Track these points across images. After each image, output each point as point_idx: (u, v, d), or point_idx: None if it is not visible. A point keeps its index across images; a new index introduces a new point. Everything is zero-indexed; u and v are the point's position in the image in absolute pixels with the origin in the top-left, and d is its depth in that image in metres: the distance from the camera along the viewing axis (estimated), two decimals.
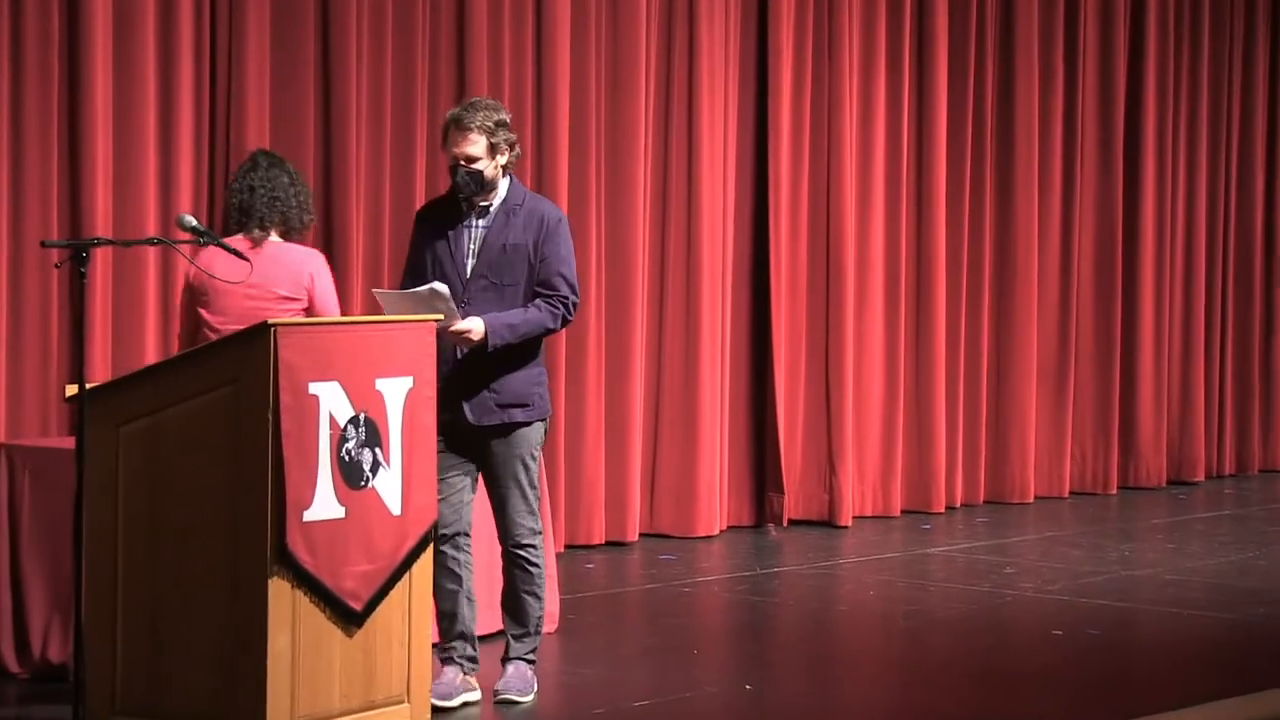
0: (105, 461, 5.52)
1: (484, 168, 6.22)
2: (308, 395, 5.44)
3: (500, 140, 6.24)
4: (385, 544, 5.68)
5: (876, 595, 8.50)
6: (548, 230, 6.24)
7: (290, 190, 6.54)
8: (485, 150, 6.21)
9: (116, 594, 5.53)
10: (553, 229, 6.25)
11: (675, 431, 9.90)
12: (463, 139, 6.20)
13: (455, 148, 6.21)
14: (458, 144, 6.21)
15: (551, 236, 6.24)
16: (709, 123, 9.92)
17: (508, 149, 6.27)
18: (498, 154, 6.24)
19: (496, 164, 6.24)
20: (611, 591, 8.55)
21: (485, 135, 6.20)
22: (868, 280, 10.68)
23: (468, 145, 6.19)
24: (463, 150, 6.20)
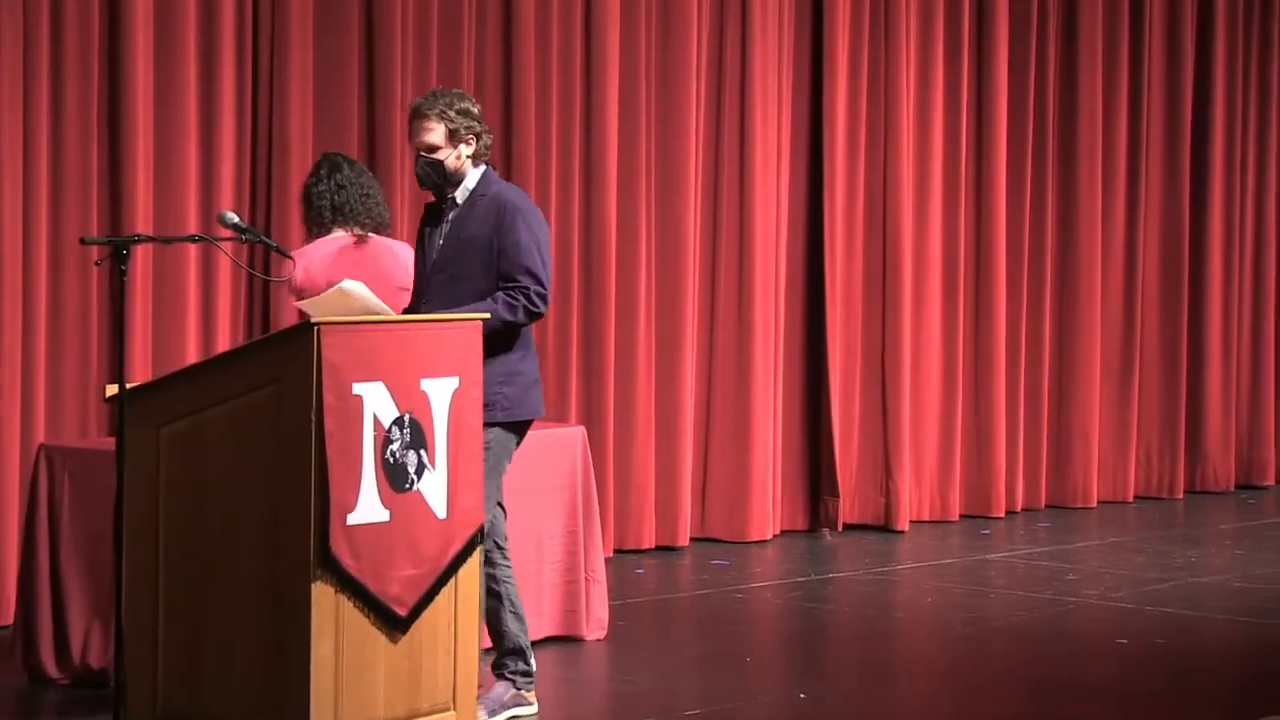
0: (146, 463, 5.54)
1: (445, 157, 6.16)
2: (351, 396, 5.45)
3: (461, 128, 6.17)
4: (430, 548, 5.69)
5: (934, 602, 8.47)
6: (505, 220, 6.15)
7: (376, 188, 6.94)
8: (445, 139, 6.16)
9: (157, 599, 5.55)
10: (510, 219, 6.15)
11: (727, 433, 9.90)
12: (421, 128, 6.16)
13: (414, 138, 6.18)
14: (417, 133, 6.17)
15: (510, 226, 6.14)
16: (761, 117, 9.91)
17: (473, 138, 6.20)
18: (460, 143, 6.18)
19: (460, 154, 6.18)
20: (662, 597, 8.55)
21: (444, 123, 6.15)
22: (925, 278, 10.65)
23: (426, 134, 6.15)
24: (422, 140, 6.16)
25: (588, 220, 9.33)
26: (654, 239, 9.60)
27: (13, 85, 7.44)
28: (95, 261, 5.77)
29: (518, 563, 7.10)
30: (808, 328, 10.31)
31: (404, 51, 8.60)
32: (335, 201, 6.83)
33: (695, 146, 9.71)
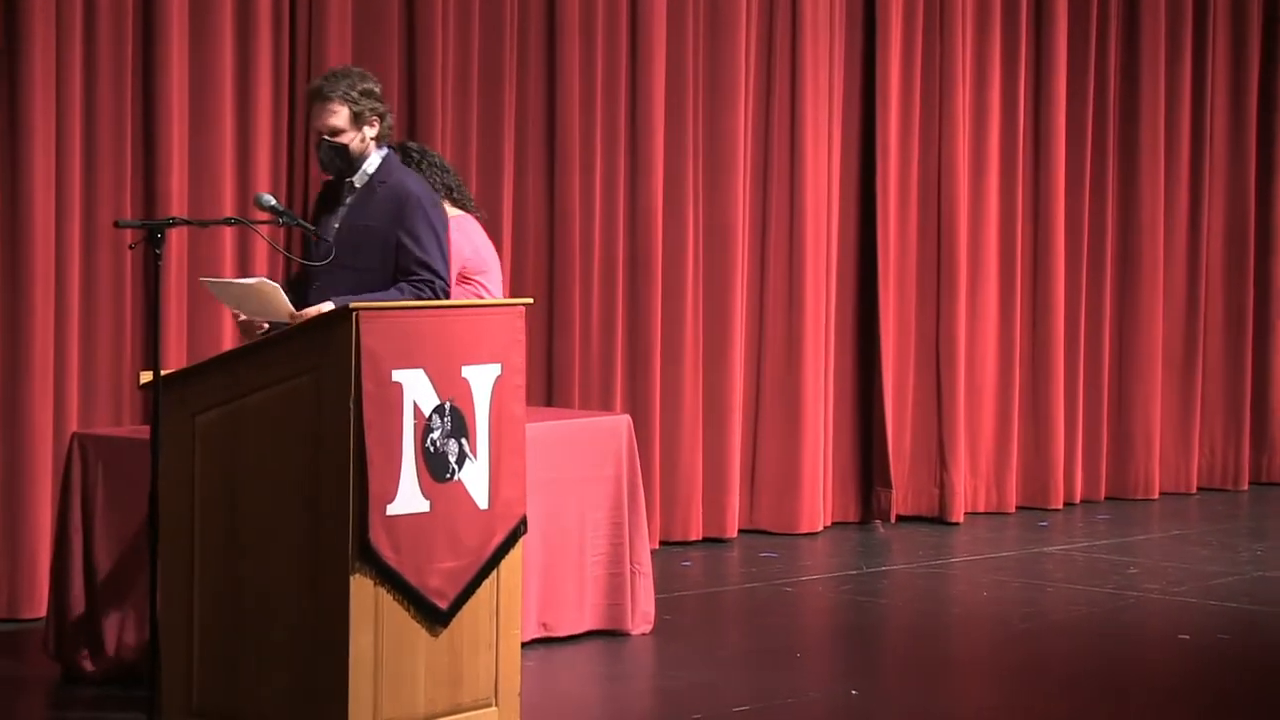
0: (180, 452, 5.56)
1: (349, 141, 6.12)
2: (391, 383, 5.46)
3: (365, 110, 6.13)
4: (472, 539, 5.70)
5: (990, 596, 8.45)
6: (407, 212, 6.10)
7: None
8: (349, 121, 6.11)
9: (192, 591, 5.57)
10: (413, 211, 6.10)
11: (777, 422, 9.88)
12: (324, 110, 6.10)
13: (316, 120, 6.11)
14: (319, 116, 6.11)
15: (409, 220, 6.09)
16: (812, 99, 9.88)
17: (377, 120, 6.15)
18: (364, 125, 6.13)
19: (364, 136, 6.14)
20: (709, 590, 8.55)
21: (348, 105, 6.10)
22: (981, 263, 10.61)
23: (330, 117, 6.10)
24: (325, 123, 6.09)
25: (633, 205, 9.32)
26: (702, 224, 9.58)
27: (45, 66, 7.47)
28: (129, 245, 5.78)
29: (561, 553, 7.12)
30: (860, 314, 10.29)
31: (445, 38, 8.60)
32: (446, 182, 6.92)
33: (744, 130, 9.68)
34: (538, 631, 7.10)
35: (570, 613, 7.22)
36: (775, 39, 9.85)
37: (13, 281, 7.48)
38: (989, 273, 10.65)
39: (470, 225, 6.93)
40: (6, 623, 7.46)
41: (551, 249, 9.09)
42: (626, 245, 9.31)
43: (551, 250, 9.09)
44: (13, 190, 7.47)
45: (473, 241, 6.89)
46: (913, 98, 10.34)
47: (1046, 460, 10.85)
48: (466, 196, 7.02)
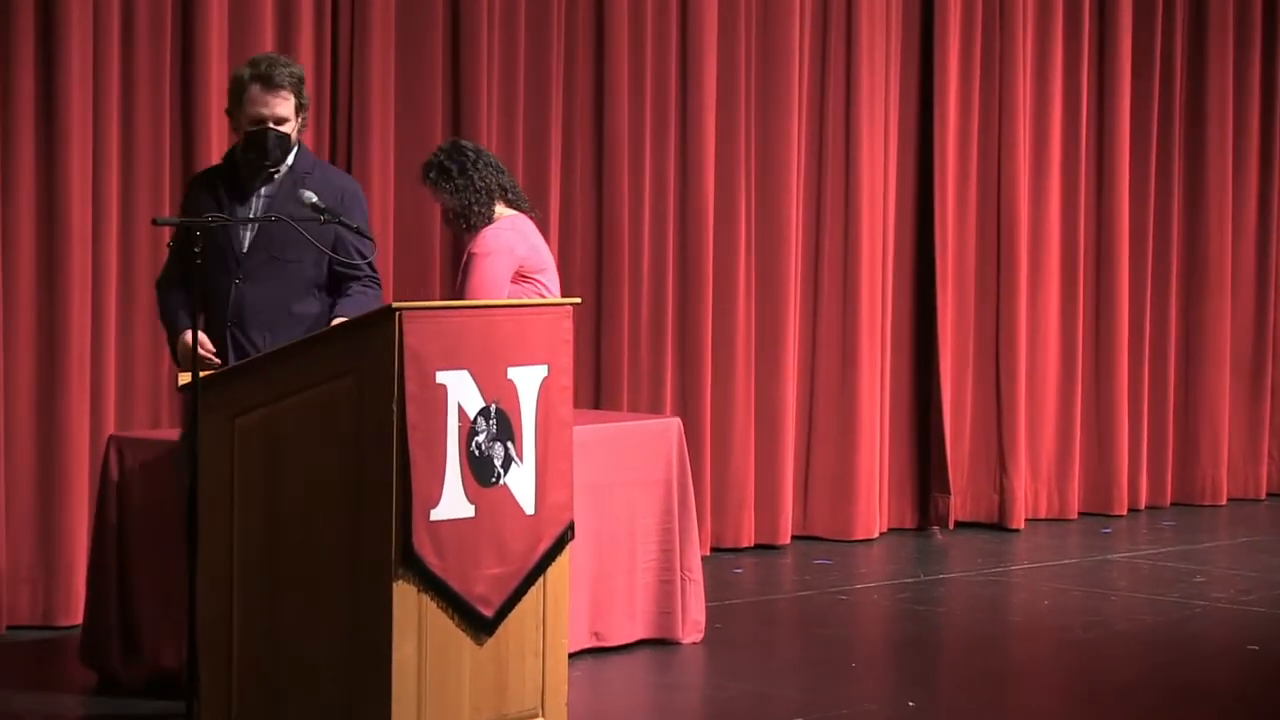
0: (220, 455, 5.57)
1: (290, 130, 6.11)
2: (435, 385, 5.46)
3: (304, 100, 6.15)
4: (518, 545, 5.69)
5: (1052, 605, 8.42)
6: (347, 206, 6.10)
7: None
8: (293, 110, 6.11)
9: (231, 598, 5.58)
10: (350, 204, 6.12)
11: (831, 426, 9.87)
12: (275, 98, 6.04)
13: (264, 108, 6.04)
14: (268, 104, 6.04)
15: (352, 215, 6.10)
16: (869, 92, 9.86)
17: (304, 110, 6.18)
18: (301, 115, 6.15)
19: (297, 127, 6.14)
20: (761, 598, 8.54)
21: (294, 94, 6.09)
22: (1043, 263, 10.58)
23: (280, 105, 6.05)
24: (275, 111, 6.04)
25: (684, 202, 9.32)
26: (754, 224, 9.57)
27: (83, 62, 7.50)
28: (167, 243, 5.81)
29: (609, 560, 7.11)
30: (917, 315, 10.26)
31: (490, 36, 8.60)
32: (500, 182, 6.93)
33: (798, 127, 9.67)
34: (590, 641, 7.09)
35: (621, 621, 7.21)
36: (830, 32, 9.83)
37: (49, 281, 7.51)
38: (1050, 273, 10.61)
39: (526, 224, 6.94)
40: (43, 630, 7.49)
41: (600, 247, 9.10)
42: (677, 243, 9.30)
43: (600, 249, 9.10)
44: (50, 189, 7.50)
45: (529, 240, 6.90)
46: (972, 94, 10.30)
47: (1110, 465, 10.80)
48: (520, 196, 7.02)
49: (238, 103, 6.08)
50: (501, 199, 6.93)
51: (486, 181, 6.90)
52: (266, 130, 6.05)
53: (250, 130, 6.05)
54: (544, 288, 6.87)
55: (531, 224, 6.99)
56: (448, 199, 6.91)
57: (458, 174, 6.90)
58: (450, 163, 6.92)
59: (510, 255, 6.80)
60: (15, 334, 7.41)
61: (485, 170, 6.91)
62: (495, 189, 6.91)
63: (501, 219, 6.90)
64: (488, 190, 6.89)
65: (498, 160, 7.03)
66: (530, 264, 6.87)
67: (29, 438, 7.44)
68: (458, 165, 6.91)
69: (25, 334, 7.41)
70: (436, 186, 6.94)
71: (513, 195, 6.98)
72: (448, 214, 6.96)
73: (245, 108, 6.05)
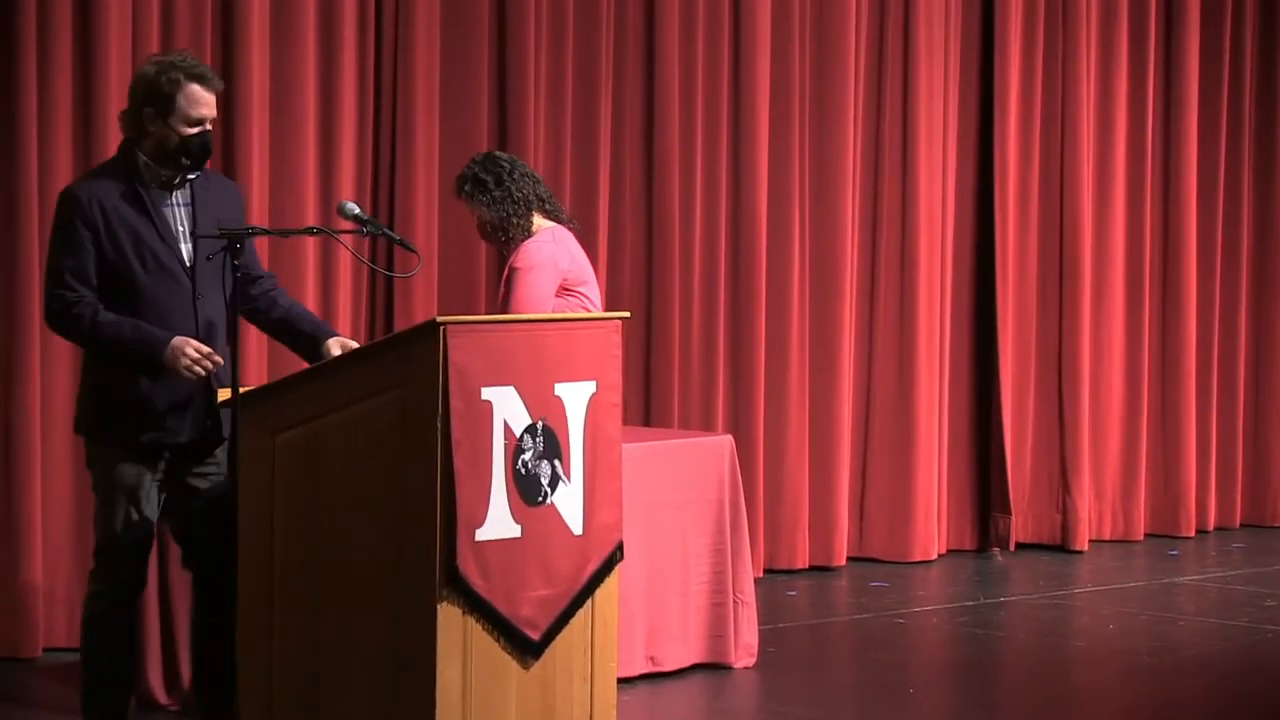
0: (260, 473, 5.58)
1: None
2: (480, 401, 5.46)
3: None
4: (565, 566, 5.69)
5: (1116, 629, 8.38)
6: (242, 206, 6.06)
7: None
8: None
9: (272, 619, 5.58)
10: (244, 204, 6.10)
11: (888, 444, 9.84)
12: (213, 99, 5.85)
13: (206, 109, 5.82)
14: (209, 104, 5.83)
15: (245, 212, 6.10)
16: (926, 103, 9.84)
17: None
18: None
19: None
20: (816, 622, 8.52)
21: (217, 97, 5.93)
22: (1107, 276, 10.54)
23: (214, 108, 5.87)
24: (212, 113, 5.85)
25: (736, 215, 9.31)
26: (808, 235, 9.56)
27: (121, 69, 7.54)
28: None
29: (661, 581, 7.10)
30: (976, 330, 10.24)
31: (537, 43, 8.61)
32: (537, 193, 6.93)
33: (853, 136, 9.66)
34: (645, 666, 7.09)
35: (675, 645, 7.21)
36: (887, 36, 9.82)
37: None
38: (1115, 286, 10.57)
39: (566, 236, 6.94)
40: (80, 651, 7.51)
41: (650, 261, 9.10)
42: (728, 257, 9.30)
43: (650, 263, 9.10)
44: None
45: (570, 252, 6.90)
46: (1033, 100, 10.28)
47: (1177, 485, 10.75)
48: (558, 207, 7.02)
49: (167, 102, 5.77)
50: (539, 210, 6.92)
51: (524, 192, 6.89)
52: (208, 133, 5.84)
53: (192, 133, 5.79)
54: (587, 300, 6.87)
55: (571, 235, 6.99)
56: (484, 212, 6.90)
57: (494, 186, 6.89)
58: (485, 174, 6.91)
59: (554, 268, 6.81)
60: (52, 350, 7.44)
61: (521, 181, 6.91)
62: (532, 200, 6.91)
63: (540, 231, 6.90)
64: (525, 201, 6.88)
65: (533, 171, 7.03)
66: (573, 276, 6.87)
67: (65, 457, 7.47)
68: (493, 177, 6.90)
69: (62, 350, 7.44)
70: (472, 199, 6.93)
71: (550, 206, 6.98)
72: (484, 227, 6.95)
73: (183, 108, 5.78)
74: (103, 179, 5.84)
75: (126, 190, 5.80)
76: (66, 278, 5.74)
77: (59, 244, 5.78)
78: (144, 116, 5.80)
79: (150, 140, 5.82)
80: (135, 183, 5.81)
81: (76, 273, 5.74)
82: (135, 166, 5.83)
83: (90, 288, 5.75)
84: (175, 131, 5.79)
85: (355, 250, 7.46)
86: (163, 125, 5.80)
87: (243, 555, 5.57)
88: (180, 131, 5.78)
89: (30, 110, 7.37)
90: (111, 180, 5.82)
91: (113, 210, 5.77)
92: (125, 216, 5.78)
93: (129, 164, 5.83)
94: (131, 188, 5.81)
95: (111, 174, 5.85)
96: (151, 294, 5.77)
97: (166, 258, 5.81)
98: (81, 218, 5.74)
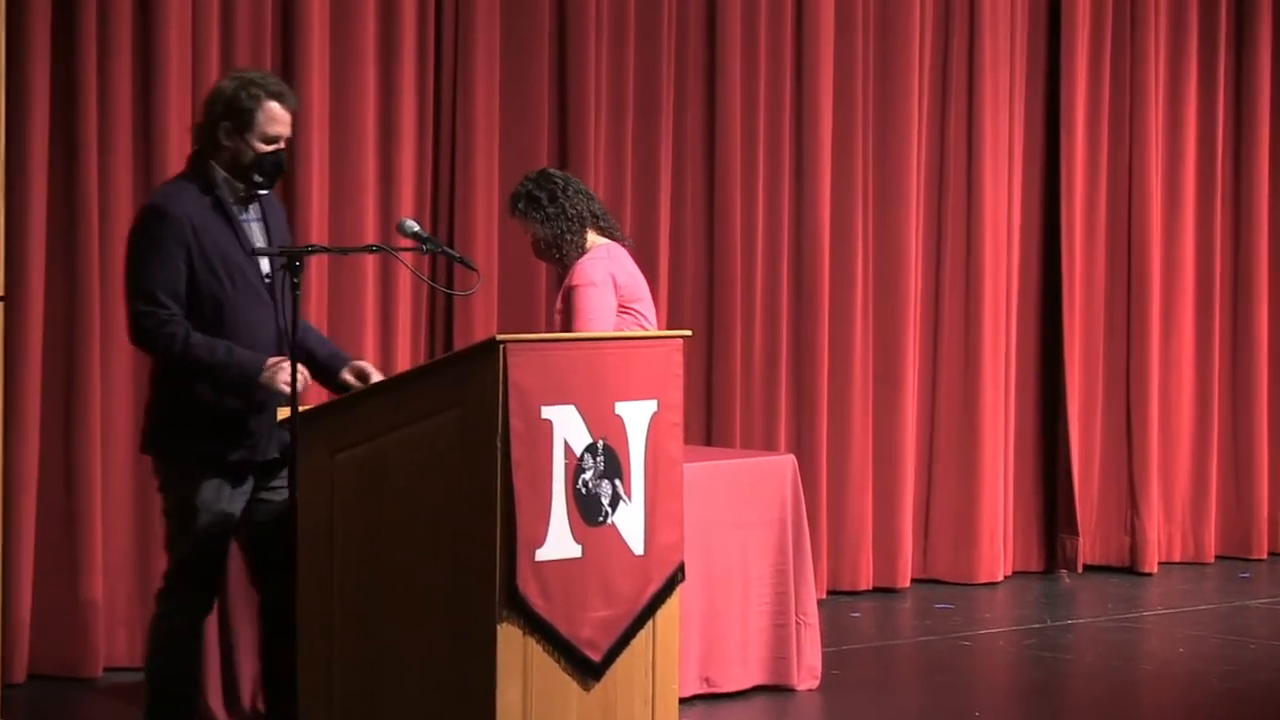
0: (320, 493, 5.62)
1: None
2: (540, 420, 5.48)
3: None
4: (626, 587, 5.71)
5: (1186, 653, 8.35)
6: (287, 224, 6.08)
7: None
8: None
9: (332, 639, 5.61)
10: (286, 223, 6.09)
11: (953, 463, 9.83)
12: (289, 119, 5.87)
13: (284, 128, 5.85)
14: (286, 123, 5.86)
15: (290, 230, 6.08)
16: (991, 115, 9.83)
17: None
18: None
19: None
20: (880, 644, 8.51)
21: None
22: (1176, 290, 10.50)
23: (289, 127, 5.89)
24: (288, 131, 5.88)
25: (798, 233, 9.32)
26: (871, 252, 9.56)
27: (181, 85, 7.60)
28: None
29: (721, 603, 7.11)
30: (1043, 346, 10.21)
31: (598, 62, 8.65)
32: (592, 209, 6.94)
33: (917, 152, 9.65)
34: (700, 687, 7.10)
35: (734, 667, 7.21)
36: (951, 52, 9.81)
37: None
38: (1184, 302, 10.52)
39: (621, 252, 6.96)
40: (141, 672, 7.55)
41: (711, 279, 9.11)
42: (791, 274, 9.30)
43: (711, 281, 9.11)
44: None
45: (625, 269, 6.92)
46: (1100, 111, 10.25)
47: (1249, 505, 10.69)
48: (613, 224, 7.04)
49: (245, 117, 5.79)
50: (593, 227, 6.93)
51: (578, 209, 6.90)
52: (282, 152, 5.88)
53: (266, 150, 5.82)
54: (642, 318, 6.89)
55: (626, 252, 7.00)
56: (538, 229, 6.91)
57: (548, 202, 6.90)
58: (540, 191, 6.92)
59: (611, 284, 6.83)
60: (112, 367, 7.50)
61: (575, 198, 6.92)
62: (586, 216, 6.91)
63: (594, 248, 6.91)
64: (579, 218, 6.89)
65: (587, 187, 7.04)
66: (629, 293, 6.89)
67: (126, 475, 7.53)
68: (547, 194, 6.91)
69: (122, 367, 7.51)
70: (526, 216, 6.94)
71: (604, 223, 6.98)
72: (539, 245, 6.96)
73: (260, 125, 5.80)
74: (186, 193, 5.83)
75: (211, 205, 5.81)
76: (159, 295, 5.72)
77: (148, 259, 5.76)
78: (220, 131, 5.83)
79: (224, 155, 5.85)
80: (217, 196, 5.83)
81: (168, 289, 5.73)
82: (214, 181, 5.84)
83: (181, 305, 5.75)
84: (250, 148, 5.82)
85: (415, 268, 7.48)
86: (238, 141, 5.82)
87: (302, 573, 5.60)
88: (256, 148, 5.81)
89: (90, 122, 7.43)
90: (195, 195, 5.81)
91: (201, 226, 5.77)
92: (212, 232, 5.79)
93: (207, 178, 5.85)
94: (215, 202, 5.82)
95: (193, 188, 5.84)
96: (238, 311, 5.80)
97: (251, 274, 5.83)
98: (172, 233, 5.73)
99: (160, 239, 5.74)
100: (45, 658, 7.41)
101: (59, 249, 7.43)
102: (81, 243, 7.44)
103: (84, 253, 7.44)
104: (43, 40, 7.32)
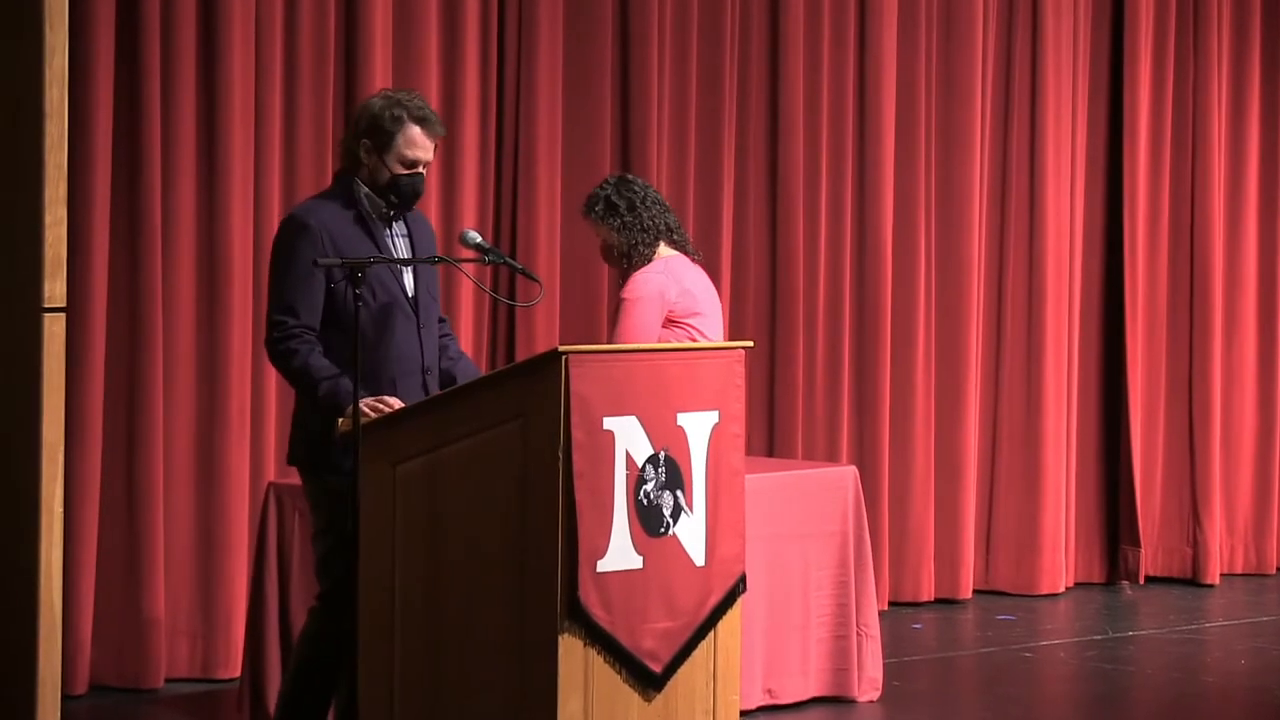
0: (381, 504, 5.61)
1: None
2: (602, 431, 5.47)
3: None
4: (687, 599, 5.69)
5: (1249, 666, 8.29)
6: (434, 239, 6.05)
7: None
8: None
9: (393, 651, 5.61)
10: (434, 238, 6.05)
11: (1015, 474, 9.79)
12: (432, 145, 5.85)
13: (424, 152, 5.84)
14: (427, 148, 5.85)
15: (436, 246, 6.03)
16: (1054, 124, 9.79)
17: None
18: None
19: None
20: (942, 655, 8.47)
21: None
22: (1239, 300, 10.44)
23: (430, 153, 5.87)
24: (429, 157, 5.87)
25: (861, 241, 9.30)
26: (934, 263, 9.53)
27: (245, 97, 7.62)
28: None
29: (782, 614, 7.09)
30: (1105, 357, 10.16)
31: (660, 73, 8.64)
32: (666, 222, 6.93)
33: (979, 162, 9.62)
34: (763, 699, 7.08)
35: (795, 678, 7.19)
36: (1013, 63, 9.77)
37: (210, 328, 7.62)
38: (1247, 311, 10.46)
39: (679, 266, 6.91)
40: (202, 682, 7.58)
41: (773, 290, 9.09)
42: (853, 286, 9.28)
43: (773, 291, 9.09)
44: (210, 228, 7.62)
45: (680, 283, 6.87)
46: (1163, 121, 10.20)
47: None
48: (685, 238, 7.02)
49: (386, 138, 5.80)
50: (665, 239, 6.92)
51: (654, 221, 6.89)
52: (420, 176, 5.87)
53: (404, 174, 5.81)
54: (696, 332, 6.83)
55: (687, 264, 6.95)
56: (612, 235, 6.90)
57: (626, 210, 6.89)
58: (618, 199, 6.90)
59: (660, 301, 6.79)
60: (174, 379, 7.53)
61: (653, 209, 6.91)
62: (661, 229, 6.91)
63: (655, 261, 6.89)
64: (654, 230, 6.88)
65: (663, 199, 7.02)
66: (681, 307, 6.83)
67: (188, 487, 7.55)
68: (626, 202, 6.89)
69: (184, 380, 7.53)
70: (601, 221, 6.92)
71: (677, 237, 6.97)
72: (610, 251, 6.95)
73: (400, 147, 5.81)
74: (328, 207, 5.84)
75: (353, 219, 5.82)
76: (295, 307, 5.74)
77: (286, 271, 5.77)
78: (360, 148, 5.84)
79: (364, 172, 5.86)
80: (360, 212, 5.84)
81: (303, 303, 5.74)
82: (356, 196, 5.85)
83: (315, 319, 5.76)
84: (388, 169, 5.82)
85: (477, 279, 7.50)
86: (377, 160, 5.83)
87: (364, 585, 5.60)
88: (393, 170, 5.81)
89: (153, 133, 7.46)
90: (337, 209, 5.82)
91: (341, 239, 5.76)
92: (354, 244, 5.77)
93: (350, 193, 5.86)
94: (358, 217, 5.83)
95: (336, 203, 5.85)
96: (379, 325, 5.81)
97: (394, 289, 5.84)
98: (309, 244, 5.74)
99: (296, 250, 5.75)
100: (106, 669, 7.43)
101: (121, 261, 7.46)
102: (144, 255, 7.46)
103: (146, 265, 7.46)
104: (106, 50, 7.35)
